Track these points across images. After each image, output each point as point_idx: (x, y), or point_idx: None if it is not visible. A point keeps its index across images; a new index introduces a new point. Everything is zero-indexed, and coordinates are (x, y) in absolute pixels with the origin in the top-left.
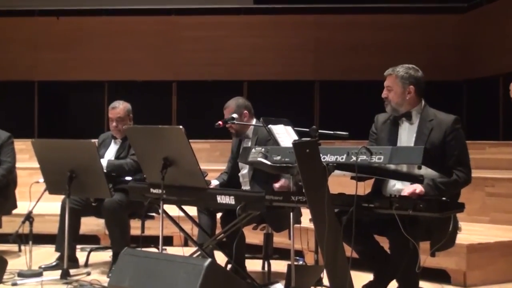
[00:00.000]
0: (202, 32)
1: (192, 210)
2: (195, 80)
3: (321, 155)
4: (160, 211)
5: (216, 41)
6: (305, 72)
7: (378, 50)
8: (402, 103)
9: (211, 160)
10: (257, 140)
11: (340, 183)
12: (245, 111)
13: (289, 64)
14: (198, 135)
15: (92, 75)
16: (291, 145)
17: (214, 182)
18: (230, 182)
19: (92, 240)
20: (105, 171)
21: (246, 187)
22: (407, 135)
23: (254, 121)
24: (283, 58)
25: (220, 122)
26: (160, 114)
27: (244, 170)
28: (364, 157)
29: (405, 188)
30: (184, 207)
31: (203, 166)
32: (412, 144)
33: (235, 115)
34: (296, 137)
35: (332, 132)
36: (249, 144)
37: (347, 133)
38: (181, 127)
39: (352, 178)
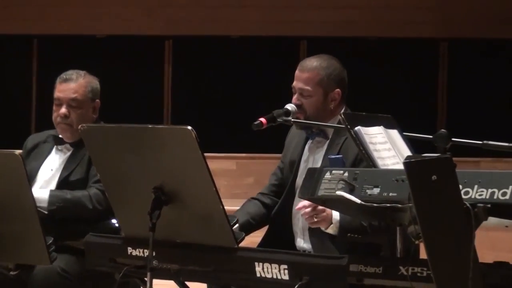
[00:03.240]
0: None
1: None
2: (205, 36)
3: (460, 186)
4: None
5: None
6: (422, 25)
7: None
8: None
9: (238, 195)
10: (340, 149)
11: (489, 241)
12: (338, 89)
13: (391, 8)
14: (212, 142)
15: (14, 25)
16: (400, 167)
17: None
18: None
19: None
20: (45, 212)
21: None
22: None
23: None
24: None
25: (262, 120)
26: (142, 96)
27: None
28: None
29: None
30: (189, 283)
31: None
32: None
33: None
34: (408, 151)
35: (479, 141)
36: (322, 152)
37: (510, 144)
38: (189, 127)
39: None
